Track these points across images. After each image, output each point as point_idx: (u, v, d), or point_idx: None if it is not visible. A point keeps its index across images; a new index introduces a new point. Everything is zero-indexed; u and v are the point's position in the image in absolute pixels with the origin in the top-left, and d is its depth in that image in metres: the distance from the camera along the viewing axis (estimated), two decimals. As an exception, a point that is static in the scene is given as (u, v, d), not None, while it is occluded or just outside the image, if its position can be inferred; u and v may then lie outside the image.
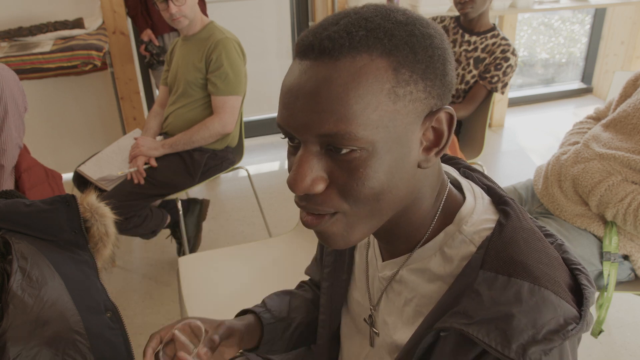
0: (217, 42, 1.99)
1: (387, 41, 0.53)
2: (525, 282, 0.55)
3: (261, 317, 0.91)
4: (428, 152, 0.59)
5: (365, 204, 0.56)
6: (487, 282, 0.56)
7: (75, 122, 3.05)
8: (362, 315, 0.79)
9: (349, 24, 0.54)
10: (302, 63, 0.55)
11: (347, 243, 0.60)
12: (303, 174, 0.55)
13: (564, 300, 0.55)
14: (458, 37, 2.24)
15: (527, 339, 0.52)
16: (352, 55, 0.53)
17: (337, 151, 0.54)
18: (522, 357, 0.52)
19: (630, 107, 1.50)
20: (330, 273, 0.84)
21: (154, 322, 2.05)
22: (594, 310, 1.47)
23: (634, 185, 1.40)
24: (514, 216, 0.62)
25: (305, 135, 0.54)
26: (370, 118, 0.53)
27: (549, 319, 0.53)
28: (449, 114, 0.58)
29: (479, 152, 2.27)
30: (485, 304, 0.55)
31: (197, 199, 2.39)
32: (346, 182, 0.55)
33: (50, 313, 0.93)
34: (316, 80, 0.53)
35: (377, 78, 0.53)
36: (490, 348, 0.53)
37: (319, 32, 0.54)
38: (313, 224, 0.59)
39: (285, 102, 0.55)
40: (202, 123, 2.04)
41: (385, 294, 0.72)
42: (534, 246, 0.59)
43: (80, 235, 1.05)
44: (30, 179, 1.55)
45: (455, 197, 0.66)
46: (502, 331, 0.53)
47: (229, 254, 1.69)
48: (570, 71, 4.36)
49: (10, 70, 1.50)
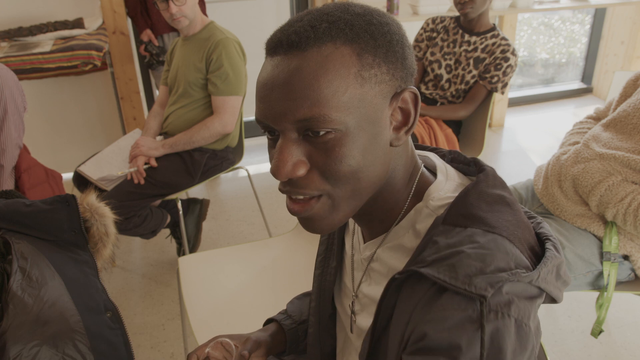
0: (217, 42, 1.99)
1: (348, 30, 0.58)
2: (480, 229, 0.58)
3: (282, 324, 0.97)
4: (398, 131, 0.63)
5: (345, 182, 0.60)
6: (444, 233, 0.59)
7: (75, 122, 3.05)
8: (348, 302, 0.81)
9: (312, 19, 0.59)
10: (273, 59, 0.60)
11: (331, 226, 0.63)
12: (284, 160, 0.59)
13: (519, 249, 0.57)
14: (458, 37, 2.24)
15: (474, 270, 0.54)
16: (318, 45, 0.57)
17: (314, 134, 0.58)
18: (467, 285, 0.53)
19: (630, 107, 1.50)
20: (322, 261, 0.87)
21: (154, 322, 2.05)
22: (592, 309, 1.47)
23: (634, 185, 1.40)
24: (482, 182, 0.64)
25: (283, 123, 0.58)
26: (341, 100, 0.57)
27: (499, 259, 0.55)
28: (413, 93, 0.62)
29: (479, 152, 2.27)
30: (440, 249, 0.57)
31: (197, 199, 2.39)
32: (325, 162, 0.59)
33: (50, 313, 0.93)
34: (288, 71, 0.57)
35: (343, 64, 0.57)
36: (439, 280, 0.55)
37: (286, 29, 0.59)
38: (299, 211, 0.62)
39: (261, 96, 0.60)
40: (202, 123, 2.04)
41: (367, 274, 0.75)
42: (497, 208, 0.61)
43: (80, 235, 1.05)
44: (30, 179, 1.55)
45: (428, 178, 0.69)
46: (451, 265, 0.55)
47: (229, 254, 1.69)
48: (570, 71, 4.36)
49: (9, 70, 1.50)
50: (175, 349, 1.92)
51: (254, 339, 0.90)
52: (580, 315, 2.01)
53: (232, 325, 1.38)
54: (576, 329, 1.95)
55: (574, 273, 1.44)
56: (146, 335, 1.99)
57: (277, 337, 0.95)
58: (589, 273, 1.46)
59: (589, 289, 1.48)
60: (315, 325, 0.89)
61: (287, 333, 0.95)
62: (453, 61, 2.25)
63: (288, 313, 0.99)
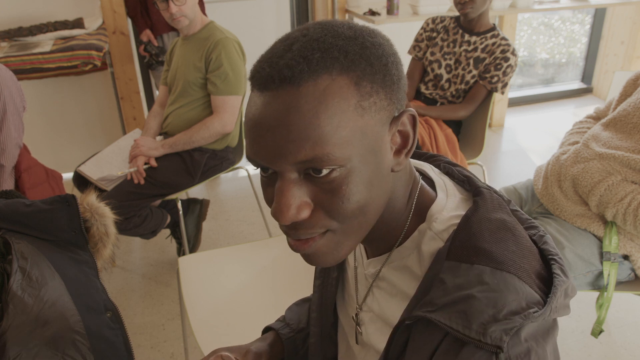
0: (217, 41, 1.99)
1: (342, 58, 0.54)
2: (488, 267, 0.56)
3: (279, 333, 0.95)
4: (399, 154, 0.61)
5: (353, 218, 0.57)
6: (451, 270, 0.57)
7: (75, 122, 3.05)
8: (352, 313, 0.80)
9: (302, 48, 0.54)
10: (263, 95, 0.55)
11: (336, 260, 0.61)
12: (287, 204, 0.55)
13: (528, 285, 0.56)
14: (458, 37, 2.24)
15: (488, 318, 0.53)
16: (314, 78, 0.53)
17: (316, 173, 0.54)
18: (482, 336, 0.52)
19: (630, 107, 1.49)
20: (322, 271, 0.86)
21: (154, 322, 2.05)
22: (592, 309, 1.47)
23: (633, 185, 1.40)
24: (482, 208, 0.62)
25: (281, 165, 0.54)
26: (343, 136, 0.53)
27: (511, 300, 0.54)
28: (411, 115, 0.60)
29: (479, 152, 2.27)
30: (449, 290, 0.56)
31: (197, 199, 2.39)
32: (331, 202, 0.56)
33: (50, 313, 0.93)
34: (284, 110, 0.53)
35: (342, 96, 0.53)
36: (452, 330, 0.53)
37: (275, 62, 0.54)
38: (302, 248, 0.59)
39: (254, 136, 0.55)
40: (202, 123, 2.04)
41: (371, 291, 0.73)
42: (500, 236, 0.59)
43: (80, 235, 1.05)
44: (30, 179, 1.55)
45: (428, 195, 0.67)
46: (462, 312, 0.53)
47: (229, 254, 1.69)
48: (570, 71, 4.36)
49: (8, 70, 1.50)
50: (175, 349, 1.92)
51: (254, 351, 0.89)
52: (580, 315, 2.00)
53: (232, 326, 1.38)
54: (576, 329, 1.95)
55: (574, 273, 1.44)
56: (146, 335, 1.99)
57: (276, 346, 0.94)
58: (589, 273, 1.46)
59: (589, 289, 1.48)
60: (317, 336, 0.88)
61: (285, 342, 0.94)
62: (453, 61, 2.25)
63: (286, 321, 0.97)
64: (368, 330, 0.74)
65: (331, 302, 0.85)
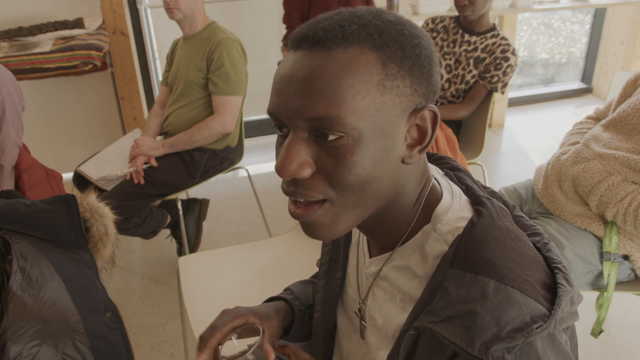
0: (218, 41, 1.99)
1: (377, 37, 0.57)
2: (492, 280, 0.56)
3: (292, 304, 0.92)
4: (412, 149, 0.61)
5: (351, 192, 0.58)
6: (455, 279, 0.57)
7: (75, 122, 3.05)
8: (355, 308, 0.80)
9: (342, 19, 0.57)
10: (295, 53, 0.58)
11: (332, 234, 0.62)
12: (290, 158, 0.57)
13: (532, 298, 0.56)
14: (458, 37, 2.24)
15: (490, 336, 0.53)
16: (344, 46, 0.56)
17: (324, 137, 0.56)
18: (484, 355, 0.52)
19: (630, 107, 1.49)
20: (326, 271, 0.86)
21: (154, 322, 2.05)
22: (592, 309, 1.47)
23: (634, 185, 1.40)
24: (487, 216, 0.62)
25: (295, 120, 0.57)
26: (359, 105, 0.55)
27: (514, 317, 0.54)
28: (433, 112, 0.60)
29: (479, 152, 2.27)
30: (453, 302, 0.56)
31: (197, 199, 2.39)
32: (333, 168, 0.57)
33: (50, 313, 0.93)
34: (310, 67, 0.56)
35: (367, 69, 0.56)
36: (456, 346, 0.54)
37: (313, 25, 0.58)
38: (301, 215, 0.60)
39: (278, 88, 0.58)
40: (202, 123, 2.04)
41: (372, 290, 0.74)
42: (505, 245, 0.59)
43: (80, 235, 1.05)
44: (30, 179, 1.55)
45: (437, 195, 0.68)
46: (466, 329, 0.54)
47: (229, 254, 1.69)
48: (570, 71, 4.36)
49: (7, 70, 1.50)
50: (175, 349, 1.92)
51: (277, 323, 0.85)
52: (580, 315, 2.00)
53: (232, 325, 1.38)
54: (576, 329, 1.94)
55: (574, 273, 1.44)
56: (146, 335, 1.99)
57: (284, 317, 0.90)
58: (589, 273, 1.46)
59: (589, 289, 1.48)
60: (320, 336, 0.88)
61: (296, 315, 0.91)
62: (453, 61, 2.25)
63: (295, 294, 0.94)
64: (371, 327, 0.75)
65: (335, 302, 0.85)
